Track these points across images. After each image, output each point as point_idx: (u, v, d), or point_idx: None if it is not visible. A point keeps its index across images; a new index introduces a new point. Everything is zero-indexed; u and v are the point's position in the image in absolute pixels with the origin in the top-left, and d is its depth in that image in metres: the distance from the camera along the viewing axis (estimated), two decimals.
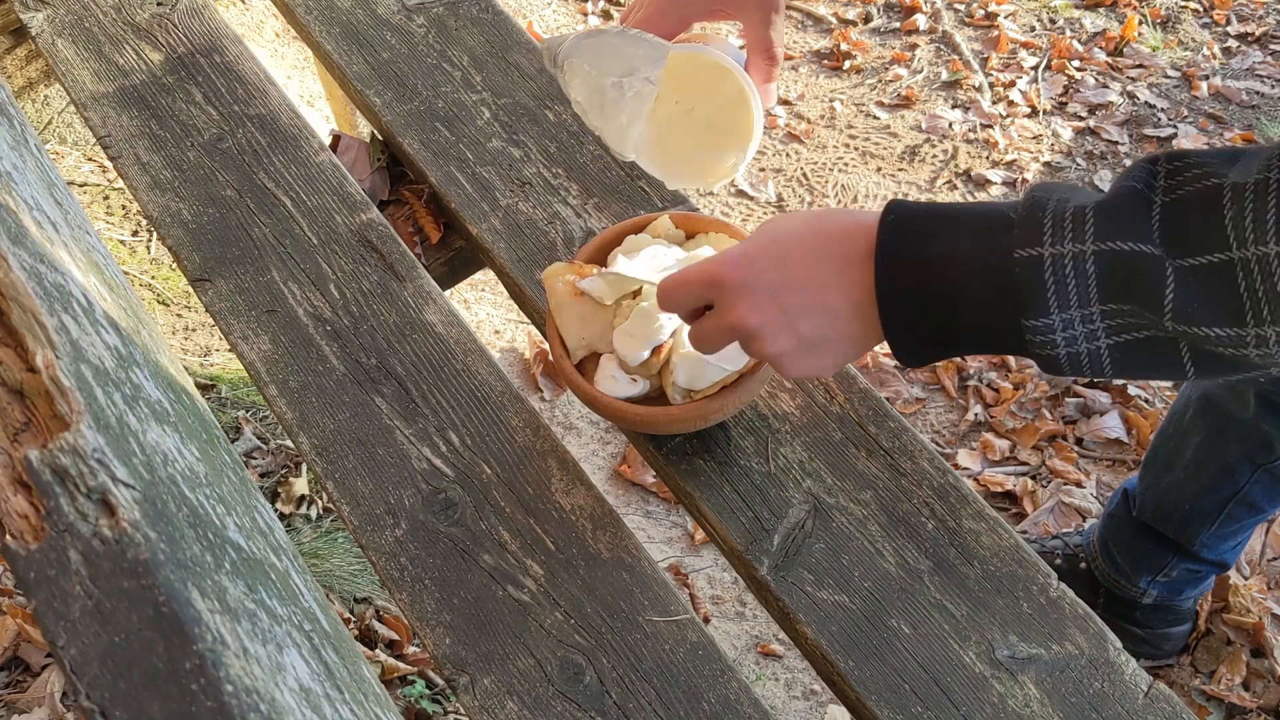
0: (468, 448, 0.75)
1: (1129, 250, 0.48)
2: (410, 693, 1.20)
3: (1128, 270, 0.48)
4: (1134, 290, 0.48)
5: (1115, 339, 0.50)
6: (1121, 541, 1.24)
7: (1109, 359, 0.51)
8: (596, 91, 0.69)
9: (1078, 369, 0.52)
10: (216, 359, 1.57)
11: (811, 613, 0.68)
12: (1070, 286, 0.50)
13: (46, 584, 0.37)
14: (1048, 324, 0.50)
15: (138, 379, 0.53)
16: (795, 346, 0.59)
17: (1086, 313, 0.50)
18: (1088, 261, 0.49)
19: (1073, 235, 0.50)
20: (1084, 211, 0.50)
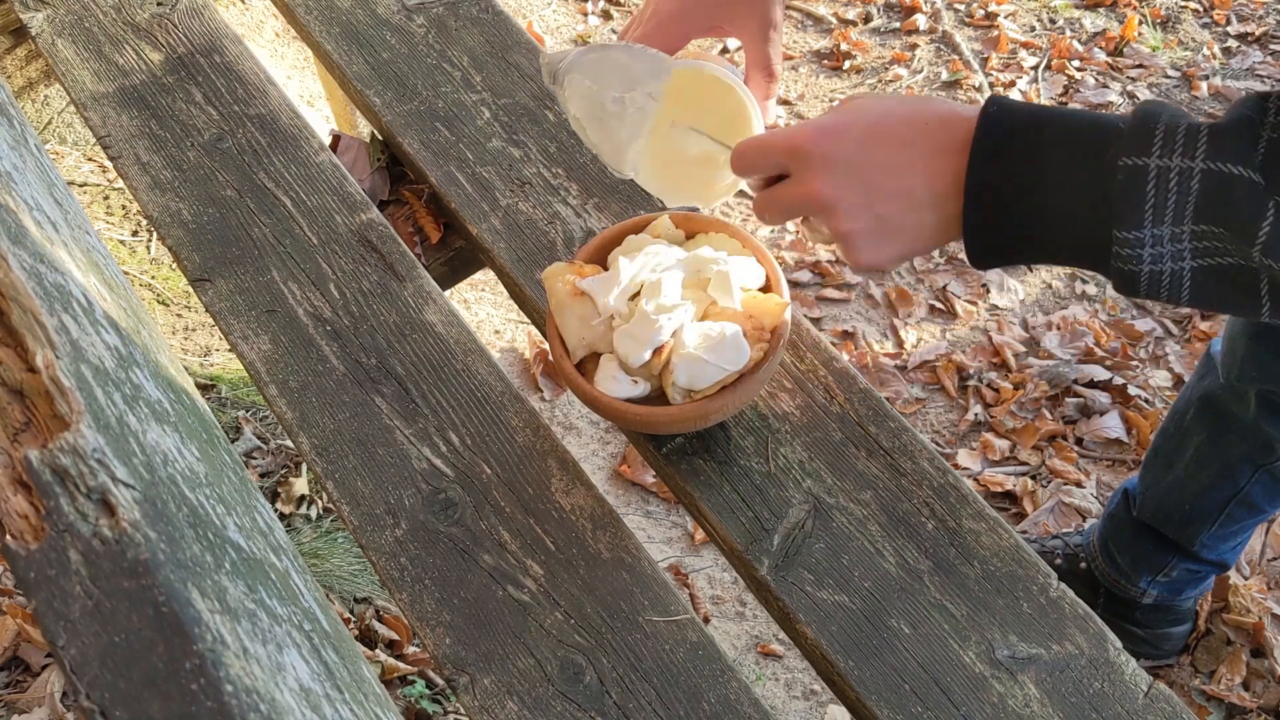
0: (468, 448, 0.75)
1: (1237, 174, 0.48)
2: (410, 693, 1.20)
3: (1231, 194, 0.48)
4: (1231, 214, 0.48)
5: (1200, 262, 0.49)
6: (1121, 541, 1.24)
7: (1189, 282, 0.50)
8: (597, 107, 0.69)
9: (1155, 290, 0.51)
10: (216, 359, 1.57)
11: (811, 613, 0.68)
12: (1170, 201, 0.49)
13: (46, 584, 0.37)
14: (1138, 237, 0.49)
15: (138, 379, 0.53)
16: (868, 228, 0.58)
17: (1178, 231, 0.49)
18: (1194, 179, 0.48)
19: (1184, 150, 0.49)
20: (1198, 129, 0.49)
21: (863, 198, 0.57)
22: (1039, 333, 1.83)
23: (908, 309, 1.88)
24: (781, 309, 0.71)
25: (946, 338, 1.84)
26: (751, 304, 0.71)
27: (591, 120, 0.70)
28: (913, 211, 0.57)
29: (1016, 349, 1.81)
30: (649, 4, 0.74)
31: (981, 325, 1.86)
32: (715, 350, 0.67)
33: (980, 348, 1.81)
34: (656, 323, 0.68)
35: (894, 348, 1.84)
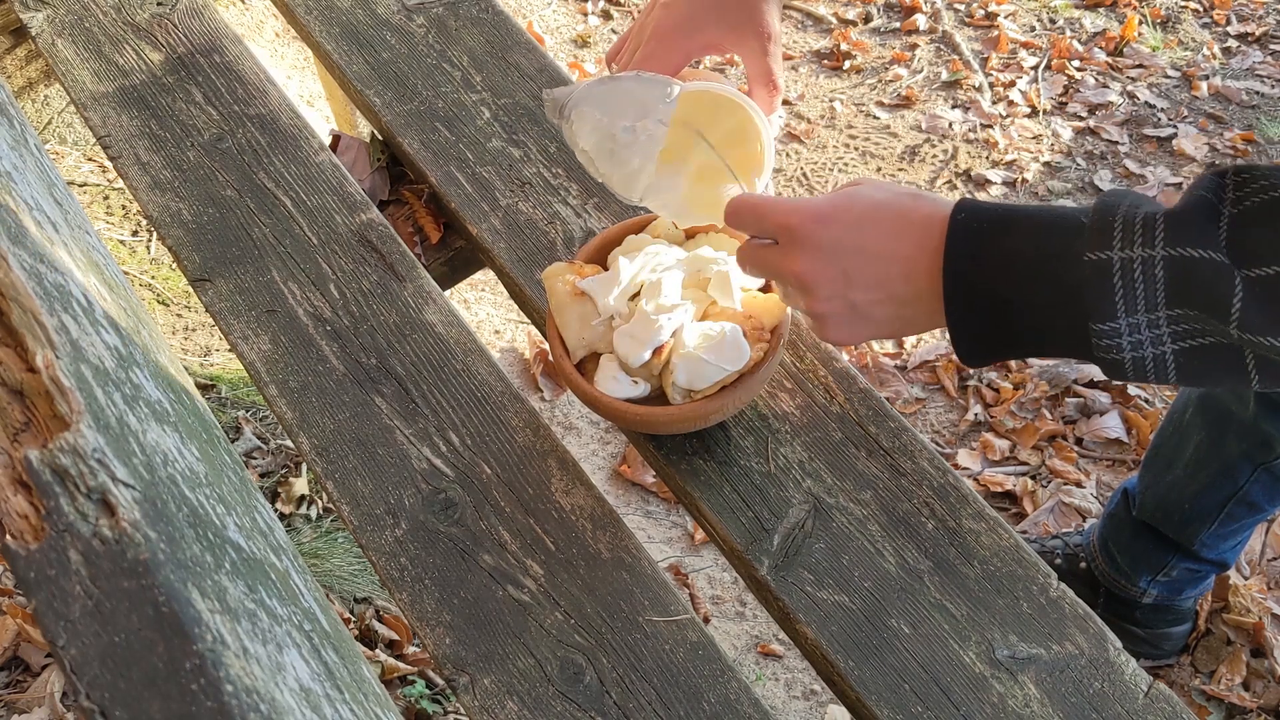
0: (468, 448, 0.75)
1: (1198, 257, 0.49)
2: (410, 693, 1.20)
3: (1196, 277, 0.49)
4: (1201, 297, 0.49)
5: (1181, 344, 0.51)
6: (1121, 541, 1.24)
7: (1174, 365, 0.51)
8: (607, 138, 0.69)
9: (1142, 374, 0.52)
10: (216, 359, 1.57)
11: (811, 613, 0.68)
12: (1138, 291, 0.50)
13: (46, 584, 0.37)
14: (1114, 328, 0.51)
15: (138, 379, 0.53)
16: (841, 312, 0.60)
17: (1153, 318, 0.50)
18: (1157, 266, 0.50)
19: (1143, 240, 0.50)
20: (1155, 218, 0.51)
21: (841, 284, 0.59)
22: None
23: None
24: (781, 309, 0.71)
25: (946, 337, 1.84)
26: (751, 304, 0.71)
27: (602, 152, 0.70)
28: (888, 304, 0.59)
29: None
30: (645, 24, 0.74)
31: None
32: (715, 350, 0.67)
33: None
34: (656, 323, 0.68)
35: (894, 347, 1.84)
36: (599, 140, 0.69)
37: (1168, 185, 2.04)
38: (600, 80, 0.69)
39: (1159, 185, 2.04)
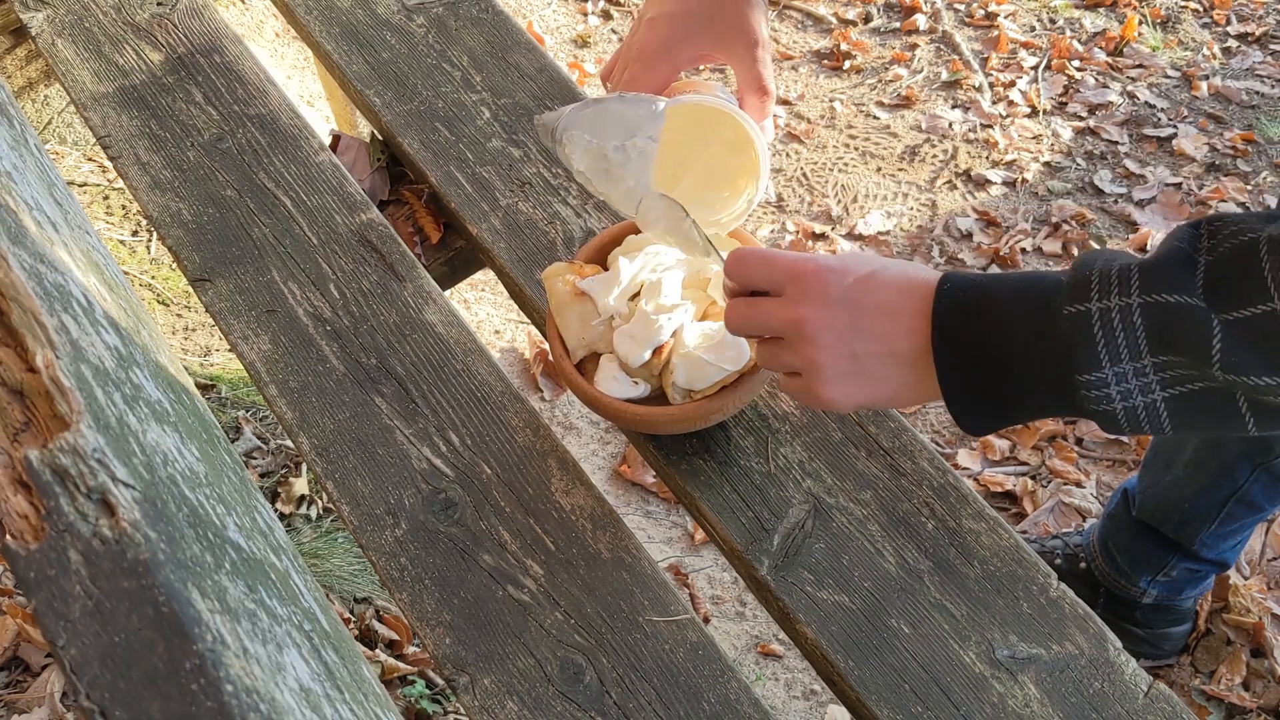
0: (468, 448, 0.75)
1: (1174, 302, 0.49)
2: (410, 693, 1.20)
3: (1174, 321, 0.49)
4: (1182, 341, 0.49)
5: (1170, 391, 0.51)
6: (1121, 541, 1.24)
7: (1166, 412, 0.52)
8: (599, 159, 0.69)
9: (1137, 425, 0.52)
10: (216, 359, 1.57)
11: (811, 613, 0.68)
12: (1120, 339, 0.51)
13: (46, 584, 0.37)
14: (1101, 378, 0.51)
15: (138, 379, 0.53)
16: (842, 364, 0.59)
17: (1139, 365, 0.51)
18: (1134, 313, 0.50)
19: (1119, 290, 0.51)
20: (1130, 269, 0.51)
21: (847, 334, 0.58)
22: None
23: None
24: None
25: None
26: None
27: (597, 172, 0.70)
28: (889, 362, 0.59)
29: None
30: (632, 42, 0.74)
31: None
32: (715, 350, 0.67)
33: None
34: (656, 323, 0.68)
35: None
36: (592, 162, 0.69)
37: (1168, 185, 2.04)
38: (585, 104, 0.70)
39: (1159, 185, 2.04)
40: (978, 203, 2.05)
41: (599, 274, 0.73)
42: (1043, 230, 1.99)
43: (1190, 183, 2.04)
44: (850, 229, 2.02)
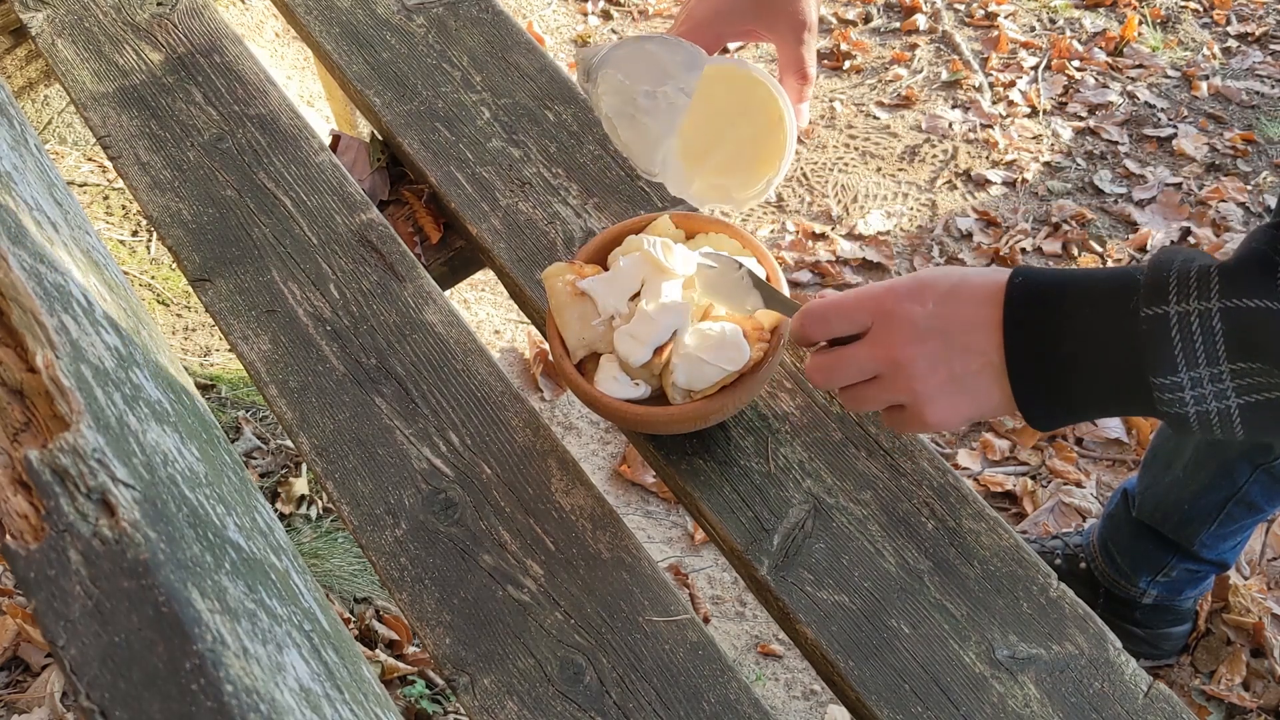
0: (468, 448, 0.75)
1: (1255, 307, 0.49)
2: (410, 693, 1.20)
3: (1255, 327, 0.49)
4: (1261, 347, 0.49)
5: (1245, 399, 0.51)
6: (1121, 541, 1.24)
7: (1240, 418, 0.51)
8: (628, 102, 0.67)
9: (1208, 429, 0.52)
10: (216, 359, 1.57)
11: (811, 613, 0.68)
12: (1198, 344, 0.50)
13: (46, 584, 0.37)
14: (1176, 382, 0.51)
15: (138, 379, 0.53)
16: (943, 386, 0.59)
17: (1215, 371, 0.50)
18: (1214, 319, 0.50)
19: (1198, 293, 0.50)
20: (1209, 271, 0.51)
21: (941, 354, 0.58)
22: None
23: None
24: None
25: None
26: None
27: (623, 117, 0.68)
28: (989, 374, 0.58)
29: None
30: (683, 8, 0.74)
31: None
32: (715, 350, 0.67)
33: None
34: (656, 323, 0.68)
35: None
36: (621, 104, 0.68)
37: (1168, 185, 2.04)
38: (625, 41, 0.68)
39: (1159, 185, 2.04)
40: (978, 203, 2.05)
41: (599, 274, 0.73)
42: (1043, 230, 1.99)
43: (1190, 183, 2.04)
44: (850, 229, 2.02)
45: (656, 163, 0.70)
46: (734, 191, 0.71)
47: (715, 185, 0.72)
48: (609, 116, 0.69)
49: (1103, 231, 1.98)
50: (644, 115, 0.67)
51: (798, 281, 1.95)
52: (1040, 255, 1.96)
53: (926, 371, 0.58)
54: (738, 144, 0.70)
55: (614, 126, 0.69)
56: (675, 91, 0.66)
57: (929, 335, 0.58)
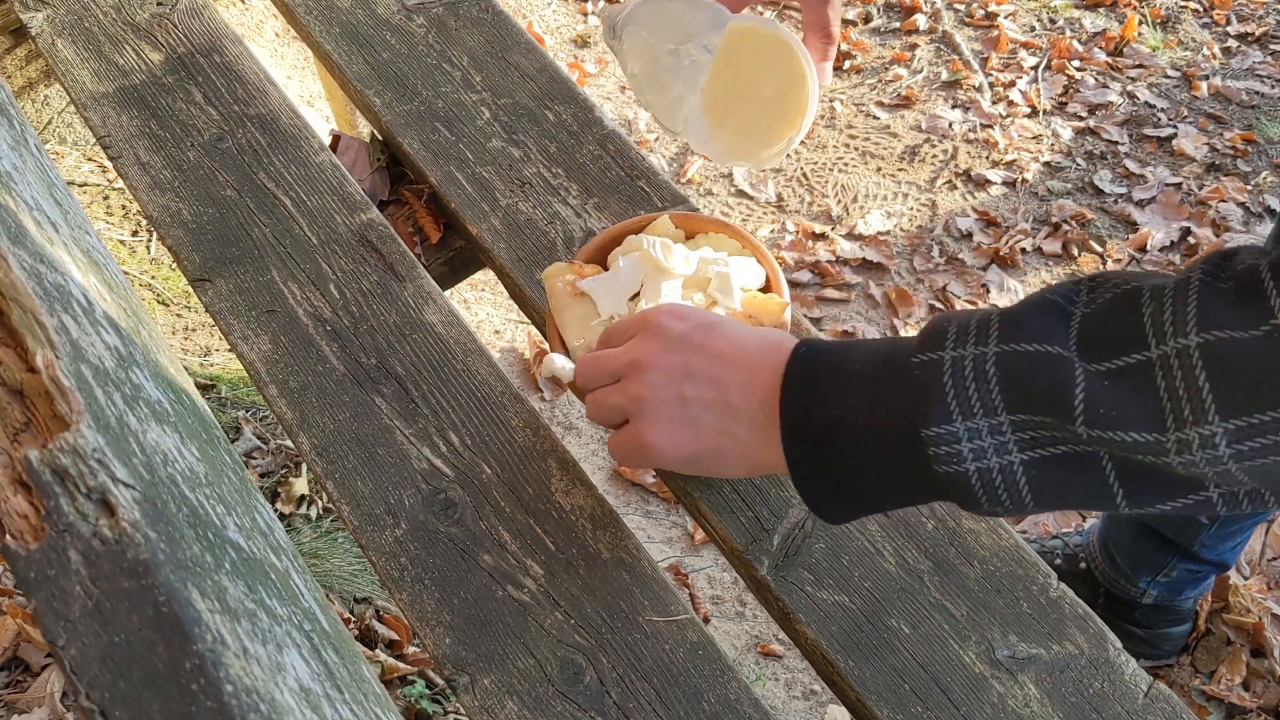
0: (468, 448, 0.75)
1: (1033, 351, 0.45)
2: (410, 693, 1.20)
3: (1032, 371, 0.45)
4: (1040, 394, 0.44)
5: (1029, 454, 0.46)
6: (1121, 542, 1.24)
7: (1024, 478, 0.46)
8: (652, 61, 0.67)
9: (993, 492, 0.47)
10: (216, 359, 1.57)
11: (811, 613, 0.68)
12: (971, 390, 0.46)
13: (46, 584, 0.37)
14: (951, 432, 0.46)
15: (138, 379, 0.53)
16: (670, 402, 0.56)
17: (995, 422, 0.45)
18: (989, 363, 0.46)
19: (976, 339, 0.47)
20: (989, 317, 0.48)
21: (678, 374, 0.56)
22: None
23: (908, 309, 1.89)
24: (781, 309, 0.71)
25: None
26: (751, 304, 0.71)
27: (647, 76, 0.68)
28: (718, 410, 0.56)
29: None
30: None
31: None
32: None
33: None
34: None
35: None
36: (646, 64, 0.67)
37: (1168, 185, 2.04)
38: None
39: (1159, 185, 2.04)
40: (978, 203, 2.05)
41: (599, 274, 0.73)
42: (1043, 230, 1.99)
43: (1190, 183, 2.04)
44: (850, 229, 2.02)
45: (679, 121, 0.69)
46: (756, 150, 0.71)
47: (737, 143, 0.71)
48: (633, 78, 0.68)
49: (1103, 231, 1.98)
50: (667, 73, 0.67)
51: (798, 281, 1.95)
52: (1040, 255, 1.96)
53: (657, 382, 0.57)
54: (760, 102, 0.69)
55: (639, 85, 0.69)
56: (699, 49, 0.66)
57: (674, 349, 0.57)
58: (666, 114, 0.69)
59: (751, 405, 0.55)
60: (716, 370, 0.56)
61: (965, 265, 1.95)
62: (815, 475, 0.52)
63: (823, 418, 0.51)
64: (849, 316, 1.89)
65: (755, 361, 0.55)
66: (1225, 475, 0.42)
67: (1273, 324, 0.39)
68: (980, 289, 1.91)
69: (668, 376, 0.57)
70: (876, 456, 0.50)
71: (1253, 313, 0.39)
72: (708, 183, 2.12)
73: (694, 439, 0.57)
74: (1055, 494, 0.46)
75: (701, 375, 0.56)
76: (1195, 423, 0.41)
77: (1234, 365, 0.39)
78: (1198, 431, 0.41)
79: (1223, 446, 0.40)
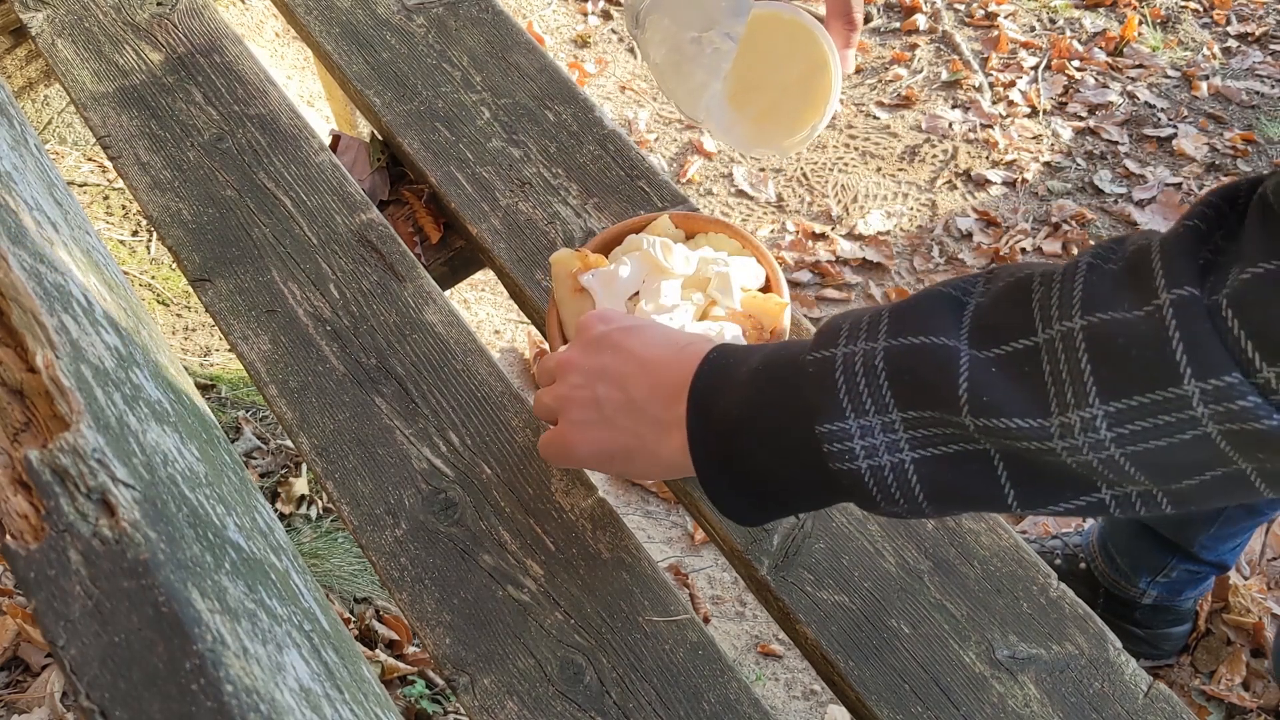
0: (468, 448, 0.75)
1: (920, 343, 0.45)
2: (410, 693, 1.20)
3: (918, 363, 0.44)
4: (926, 386, 0.44)
5: (920, 452, 0.45)
6: (1121, 542, 1.24)
7: (915, 477, 0.46)
8: (674, 49, 0.66)
9: (886, 491, 0.46)
10: (216, 359, 1.57)
11: (811, 613, 0.68)
12: (861, 386, 0.45)
13: (46, 584, 0.37)
14: (844, 429, 0.46)
15: (138, 379, 0.53)
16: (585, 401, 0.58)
17: (887, 420, 0.45)
18: (878, 358, 0.45)
19: (867, 334, 0.47)
20: (880, 314, 0.48)
21: (594, 372, 0.58)
22: None
23: None
24: (781, 309, 0.71)
25: None
26: (751, 304, 0.71)
27: (669, 64, 0.67)
28: (624, 410, 0.57)
29: None
30: None
31: None
32: None
33: None
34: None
35: None
36: (668, 52, 0.67)
37: (1168, 185, 2.04)
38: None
39: (1159, 185, 2.04)
40: (978, 203, 2.05)
41: (602, 267, 0.72)
42: (1043, 230, 1.99)
43: (1190, 183, 2.04)
44: (850, 229, 2.02)
45: (701, 109, 0.69)
46: (779, 137, 0.71)
47: (760, 130, 0.71)
48: (655, 66, 0.68)
49: (1103, 231, 1.98)
50: (688, 62, 0.66)
51: (797, 281, 1.95)
52: (1040, 255, 1.96)
53: (576, 382, 0.58)
54: (783, 89, 0.69)
55: (661, 73, 0.69)
56: (721, 37, 0.65)
57: (593, 349, 0.58)
58: (688, 102, 0.68)
59: (656, 407, 0.55)
60: (628, 371, 0.57)
61: (965, 265, 1.95)
62: (719, 475, 0.52)
63: (723, 417, 0.52)
64: None
65: (666, 364, 0.56)
66: (1111, 465, 0.40)
67: (1154, 304, 0.38)
68: None
69: (585, 377, 0.58)
70: (776, 455, 0.50)
71: (1137, 293, 0.39)
72: (708, 183, 2.12)
73: (605, 439, 0.58)
74: (947, 494, 0.46)
75: (614, 377, 0.57)
76: (1077, 405, 0.40)
77: (1116, 347, 0.39)
78: (1079, 415, 0.40)
79: (1104, 430, 0.39)
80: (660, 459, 0.56)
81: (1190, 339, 0.37)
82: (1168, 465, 0.40)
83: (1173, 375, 0.37)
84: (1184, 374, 0.37)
